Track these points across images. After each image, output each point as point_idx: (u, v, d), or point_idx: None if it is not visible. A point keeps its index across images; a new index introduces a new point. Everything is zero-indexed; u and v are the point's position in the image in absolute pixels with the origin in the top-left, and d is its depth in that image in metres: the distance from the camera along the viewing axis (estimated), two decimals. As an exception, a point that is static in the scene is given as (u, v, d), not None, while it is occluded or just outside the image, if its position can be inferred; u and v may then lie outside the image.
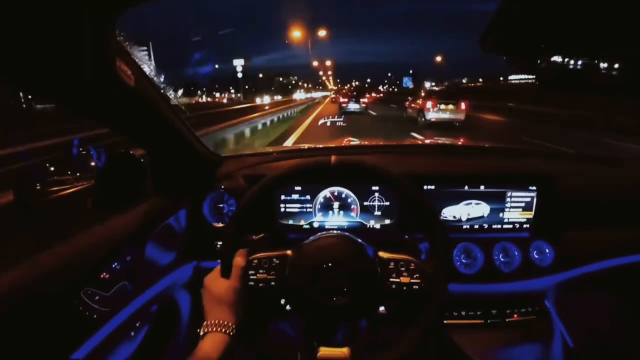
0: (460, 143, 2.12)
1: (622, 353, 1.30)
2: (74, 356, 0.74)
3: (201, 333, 0.74)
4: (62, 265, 0.78)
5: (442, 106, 12.61)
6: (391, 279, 0.82)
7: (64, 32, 0.56)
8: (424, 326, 0.77)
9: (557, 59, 0.60)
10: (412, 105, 14.92)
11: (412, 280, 0.82)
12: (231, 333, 0.73)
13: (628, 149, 8.21)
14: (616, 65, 0.57)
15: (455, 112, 12.63)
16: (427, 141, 2.64)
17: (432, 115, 12.68)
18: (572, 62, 0.59)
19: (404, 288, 0.81)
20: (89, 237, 0.91)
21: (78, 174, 1.09)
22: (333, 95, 58.17)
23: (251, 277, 0.82)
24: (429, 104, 12.79)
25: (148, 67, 0.85)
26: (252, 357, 0.86)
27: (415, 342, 0.75)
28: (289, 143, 10.58)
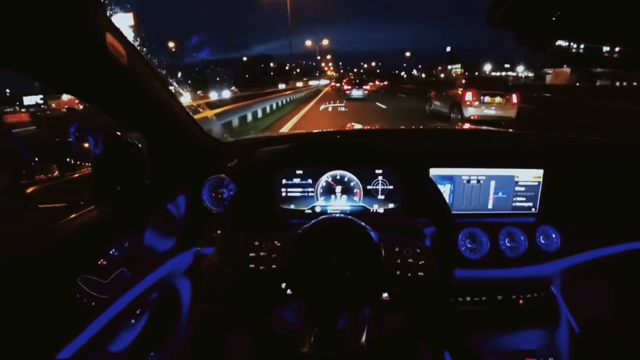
0: (466, 127, 2.09)
1: (627, 339, 1.28)
2: (73, 344, 0.73)
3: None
4: (58, 251, 0.77)
5: (487, 99, 9.14)
6: (396, 265, 0.80)
7: (51, 7, 0.53)
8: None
9: (562, 43, 0.58)
10: (442, 96, 11.24)
11: (417, 267, 0.80)
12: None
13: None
14: (617, 49, 0.56)
15: (503, 107, 9.16)
16: (432, 126, 2.61)
17: (472, 110, 9.23)
18: (575, 45, 0.58)
19: (409, 274, 0.79)
20: (86, 223, 0.89)
21: (75, 161, 1.07)
22: (333, 83, 56.83)
23: (252, 260, 0.81)
24: (468, 96, 9.24)
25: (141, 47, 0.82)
26: (254, 344, 0.85)
27: None
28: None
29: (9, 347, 0.65)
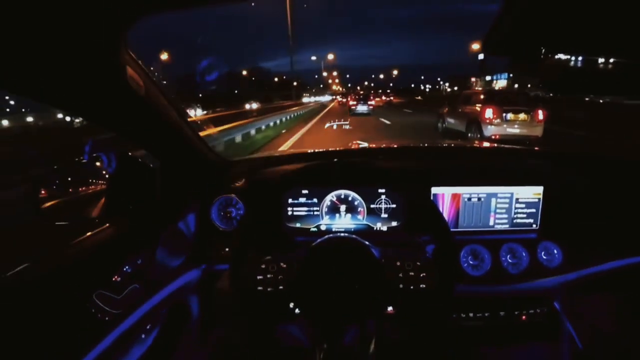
0: (467, 145, 2.12)
1: (630, 355, 1.28)
2: (86, 358, 0.75)
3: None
4: (74, 267, 0.80)
5: (509, 116, 8.26)
6: (398, 279, 0.83)
7: (77, 43, 0.58)
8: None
9: (560, 56, 0.60)
10: (457, 112, 10.14)
11: (418, 279, 0.82)
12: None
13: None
14: (611, 61, 0.58)
15: (528, 125, 8.26)
16: (434, 144, 2.63)
17: (493, 129, 8.32)
18: (573, 59, 0.60)
19: (411, 287, 0.82)
20: (101, 240, 0.93)
21: (90, 179, 1.11)
22: (340, 98, 56.73)
23: (259, 281, 0.84)
24: (488, 113, 8.34)
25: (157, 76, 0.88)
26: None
27: None
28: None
29: None
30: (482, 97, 9.40)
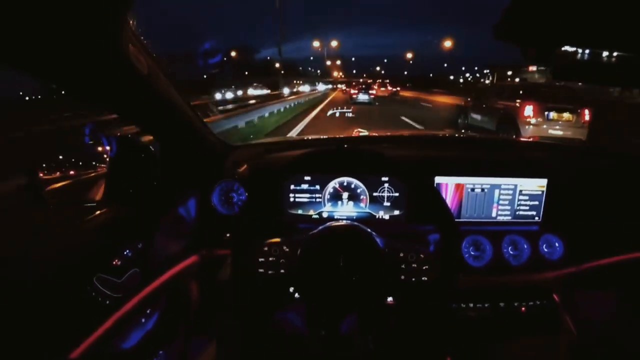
0: (471, 135, 2.10)
1: (629, 347, 1.29)
2: (86, 341, 0.75)
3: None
4: (74, 251, 0.80)
5: (552, 115, 6.87)
6: (400, 270, 0.82)
7: (79, 20, 0.56)
8: None
9: (567, 48, 0.59)
10: (485, 107, 8.62)
11: (421, 272, 0.82)
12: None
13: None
14: (615, 54, 0.57)
15: (573, 126, 6.89)
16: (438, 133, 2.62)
17: (532, 130, 6.94)
18: (580, 51, 0.59)
19: (413, 279, 0.82)
20: (101, 224, 0.92)
21: (89, 162, 1.10)
22: (343, 87, 55.85)
23: (261, 264, 0.83)
24: (528, 110, 6.95)
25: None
26: (260, 346, 0.87)
27: None
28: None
29: (26, 344, 0.68)
30: (519, 90, 7.93)
